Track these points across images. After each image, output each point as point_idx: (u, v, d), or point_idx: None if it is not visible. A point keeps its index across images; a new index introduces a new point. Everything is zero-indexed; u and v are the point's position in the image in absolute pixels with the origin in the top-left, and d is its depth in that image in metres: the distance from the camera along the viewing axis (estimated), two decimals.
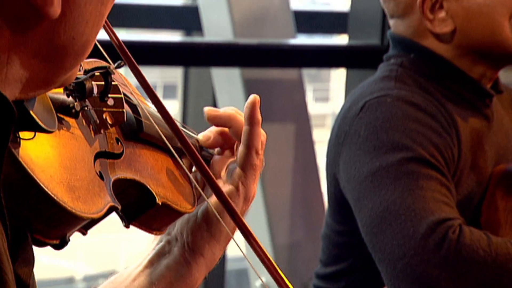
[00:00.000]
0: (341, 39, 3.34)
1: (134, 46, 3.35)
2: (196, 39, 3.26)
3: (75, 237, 1.07)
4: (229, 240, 1.27)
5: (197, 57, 3.18)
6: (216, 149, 1.32)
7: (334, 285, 2.01)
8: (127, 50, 1.14)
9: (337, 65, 3.43)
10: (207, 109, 1.28)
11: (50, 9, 0.87)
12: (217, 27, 3.13)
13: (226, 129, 1.29)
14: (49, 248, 1.01)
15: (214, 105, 3.12)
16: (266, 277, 3.40)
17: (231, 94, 3.15)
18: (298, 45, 3.22)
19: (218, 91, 3.19)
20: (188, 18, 3.34)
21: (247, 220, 1.29)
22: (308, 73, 3.82)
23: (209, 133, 1.31)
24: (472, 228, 1.80)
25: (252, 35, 3.08)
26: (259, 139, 1.24)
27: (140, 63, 1.11)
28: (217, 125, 1.30)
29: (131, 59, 1.15)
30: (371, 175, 1.86)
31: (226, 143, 1.31)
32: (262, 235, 3.06)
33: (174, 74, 3.23)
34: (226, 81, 3.17)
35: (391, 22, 2.01)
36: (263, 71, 3.17)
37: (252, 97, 1.26)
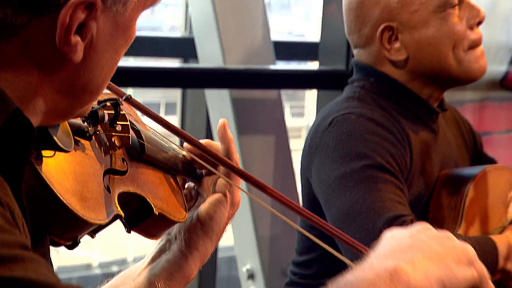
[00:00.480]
0: (313, 65, 3.33)
1: (141, 71, 3.36)
2: (192, 65, 3.25)
3: None
4: (219, 237, 1.27)
5: (193, 80, 3.19)
6: (204, 170, 1.30)
7: (307, 271, 2.02)
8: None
9: (310, 86, 3.41)
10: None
11: (74, 55, 0.89)
12: (209, 55, 3.12)
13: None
14: None
15: (207, 120, 3.16)
16: (251, 263, 3.39)
17: (221, 111, 3.14)
18: (277, 70, 3.22)
19: (210, 108, 3.19)
20: (185, 48, 3.33)
21: (236, 216, 1.31)
22: (285, 93, 3.81)
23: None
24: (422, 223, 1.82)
25: (239, 62, 3.07)
26: (235, 154, 1.25)
27: (146, 85, 1.12)
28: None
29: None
30: (338, 179, 1.85)
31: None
32: (248, 228, 3.06)
33: (174, 94, 3.20)
34: (217, 100, 3.16)
35: (355, 51, 2.00)
36: (248, 92, 3.17)
37: (221, 121, 1.27)
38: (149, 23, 3.63)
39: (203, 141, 1.29)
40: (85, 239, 1.05)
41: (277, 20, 5.38)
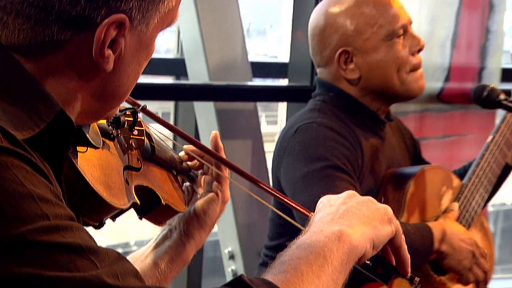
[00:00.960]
0: (284, 82, 3.33)
1: (142, 86, 3.32)
2: (183, 81, 3.24)
3: None
4: (211, 228, 1.28)
5: (183, 94, 3.19)
6: (200, 171, 1.31)
7: (276, 254, 2.01)
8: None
9: (280, 100, 3.42)
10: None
11: (106, 65, 0.91)
12: (197, 73, 3.12)
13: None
14: None
15: (196, 128, 3.14)
16: (231, 246, 3.37)
17: (207, 120, 3.14)
18: (253, 85, 3.22)
19: (198, 117, 3.18)
20: (177, 67, 3.31)
21: None
22: (261, 105, 3.80)
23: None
24: None
25: (222, 79, 3.07)
26: (224, 156, 1.28)
27: (145, 98, 1.13)
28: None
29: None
30: (302, 178, 1.85)
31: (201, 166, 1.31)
32: (229, 217, 3.06)
33: (168, 106, 3.18)
34: (204, 110, 3.15)
35: (318, 70, 2.01)
36: (229, 104, 3.16)
37: (214, 132, 1.29)
38: (156, 47, 3.61)
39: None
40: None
41: (255, 44, 5.36)
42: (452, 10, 3.19)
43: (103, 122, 1.06)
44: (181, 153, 1.29)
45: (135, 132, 1.12)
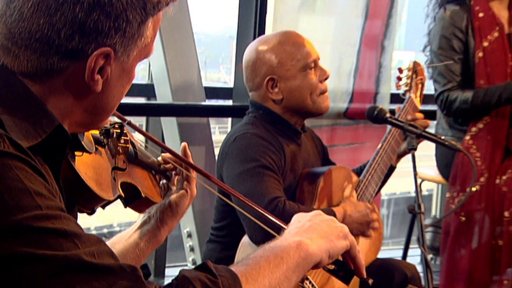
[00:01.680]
0: (229, 102, 3.32)
1: (120, 105, 3.31)
2: (152, 101, 3.21)
3: None
4: (181, 217, 1.26)
5: (153, 111, 3.18)
6: (173, 172, 1.29)
7: (219, 233, 1.99)
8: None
9: (227, 116, 3.43)
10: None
11: (96, 87, 0.90)
12: (163, 95, 3.10)
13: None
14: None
15: (162, 137, 3.09)
16: (189, 227, 3.32)
17: (171, 131, 3.09)
18: (206, 105, 3.22)
19: (164, 130, 3.16)
20: (148, 90, 3.27)
21: None
22: (215, 119, 3.80)
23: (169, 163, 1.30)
24: (290, 202, 1.80)
25: (182, 100, 3.05)
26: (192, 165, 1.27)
27: (123, 114, 1.12)
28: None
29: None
30: (239, 175, 1.84)
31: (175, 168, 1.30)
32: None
33: (141, 120, 3.17)
34: (169, 124, 3.12)
35: (250, 93, 2.00)
36: (188, 119, 3.15)
37: (183, 144, 1.27)
38: None
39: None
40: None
41: (210, 73, 5.33)
42: (354, 49, 3.21)
43: (96, 132, 1.06)
44: (159, 158, 1.28)
45: (122, 141, 1.11)
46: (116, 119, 1.14)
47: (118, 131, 1.09)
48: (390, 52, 3.26)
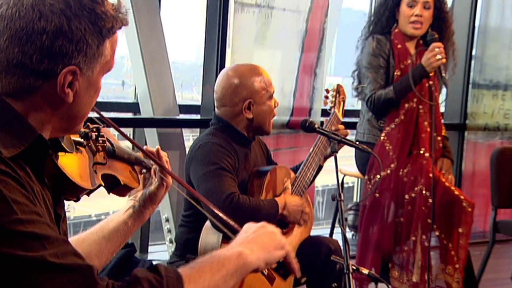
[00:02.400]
0: (197, 116, 3.30)
1: (113, 118, 3.26)
2: (137, 116, 3.16)
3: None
4: (159, 203, 1.23)
5: (138, 123, 3.16)
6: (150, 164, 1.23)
7: (188, 219, 1.94)
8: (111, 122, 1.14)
9: (196, 127, 3.37)
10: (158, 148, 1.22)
11: (68, 99, 0.86)
12: (146, 111, 3.06)
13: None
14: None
15: (146, 144, 3.04)
16: (167, 213, 3.27)
17: (153, 139, 3.05)
18: (180, 118, 3.18)
19: (147, 138, 3.11)
20: (134, 107, 3.22)
21: None
22: (190, 129, 3.71)
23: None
24: (243, 195, 1.76)
25: (161, 114, 3.02)
26: (165, 162, 1.21)
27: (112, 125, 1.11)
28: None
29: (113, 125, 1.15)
30: (202, 175, 1.80)
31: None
32: (166, 196, 3.02)
33: (129, 130, 3.12)
34: (150, 133, 3.08)
35: (219, 109, 1.94)
36: (166, 129, 3.11)
37: (157, 146, 1.23)
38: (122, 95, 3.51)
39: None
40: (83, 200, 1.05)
41: (185, 93, 5.33)
42: (294, 75, 3.26)
43: (76, 136, 1.02)
44: (139, 153, 1.24)
45: (100, 141, 1.06)
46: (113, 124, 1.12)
47: (96, 133, 1.06)
48: (321, 77, 3.29)
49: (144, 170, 1.25)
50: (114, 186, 1.12)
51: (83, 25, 0.83)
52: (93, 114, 1.05)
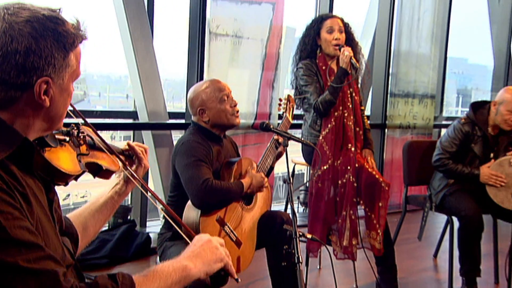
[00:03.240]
0: (182, 121, 3.20)
1: (117, 124, 3.24)
2: (136, 122, 3.09)
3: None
4: (138, 180, 1.15)
5: (136, 127, 3.07)
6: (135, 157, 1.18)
7: (173, 199, 1.87)
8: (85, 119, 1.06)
9: (181, 129, 3.21)
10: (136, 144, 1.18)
11: (45, 104, 0.80)
12: (143, 117, 3.00)
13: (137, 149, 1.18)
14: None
15: (143, 143, 2.97)
16: (160, 196, 3.22)
17: (148, 140, 3.01)
18: (169, 122, 3.08)
19: (144, 138, 3.04)
20: (133, 115, 3.15)
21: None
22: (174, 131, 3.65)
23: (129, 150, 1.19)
24: (216, 180, 1.72)
25: (154, 120, 2.97)
26: (144, 154, 1.17)
27: (119, 129, 1.07)
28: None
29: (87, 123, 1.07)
30: (185, 166, 1.75)
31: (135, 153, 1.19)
32: (159, 184, 2.99)
33: (129, 133, 3.06)
34: (146, 135, 3.02)
35: (192, 116, 1.89)
36: (158, 131, 3.04)
37: (147, 145, 1.19)
38: (127, 105, 3.43)
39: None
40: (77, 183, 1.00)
41: (176, 103, 5.21)
42: (257, 88, 3.26)
43: (59, 133, 0.96)
44: (124, 144, 1.19)
45: (81, 136, 1.00)
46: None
47: (77, 131, 0.99)
48: (278, 90, 3.29)
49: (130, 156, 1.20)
50: (98, 171, 1.07)
51: (48, 43, 0.77)
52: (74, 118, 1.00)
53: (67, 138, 0.95)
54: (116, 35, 3.01)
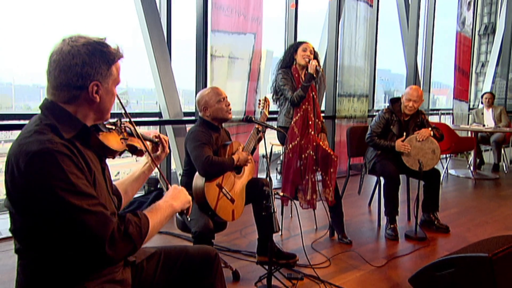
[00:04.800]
0: (193, 117, 3.12)
1: (148, 121, 3.13)
2: (160, 119, 2.97)
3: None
4: (161, 161, 1.08)
5: (161, 123, 2.92)
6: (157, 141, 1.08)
7: (186, 171, 1.80)
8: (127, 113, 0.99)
9: (192, 123, 3.19)
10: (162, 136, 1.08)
11: (96, 100, 0.82)
12: (165, 116, 2.88)
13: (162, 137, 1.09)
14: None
15: (166, 135, 2.90)
16: (179, 171, 3.11)
17: (169, 132, 2.89)
18: (184, 119, 2.84)
19: (167, 130, 2.92)
20: (159, 114, 3.04)
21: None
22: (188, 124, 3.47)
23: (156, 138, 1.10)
24: (215, 156, 1.66)
25: (173, 117, 2.85)
26: (166, 142, 1.08)
27: (149, 125, 0.98)
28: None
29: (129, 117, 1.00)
30: (193, 147, 1.68)
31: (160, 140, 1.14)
32: (178, 160, 2.91)
33: (156, 127, 3.01)
34: (169, 129, 2.90)
35: (199, 112, 1.76)
36: (176, 126, 2.89)
37: (167, 137, 1.11)
38: (156, 108, 3.35)
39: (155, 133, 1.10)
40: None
41: (188, 105, 5.12)
42: (245, 94, 3.16)
43: (108, 123, 0.91)
44: (153, 134, 1.13)
45: (123, 127, 0.96)
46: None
47: (120, 122, 0.95)
48: (259, 94, 3.20)
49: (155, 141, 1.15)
50: (135, 151, 1.03)
51: (97, 59, 0.80)
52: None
53: (113, 127, 0.94)
54: (146, 60, 2.93)
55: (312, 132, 2.29)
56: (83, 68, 0.79)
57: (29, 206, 0.71)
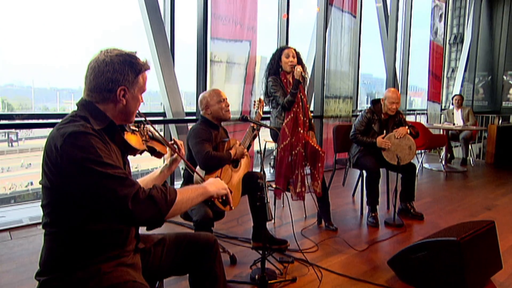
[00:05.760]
0: (194, 117, 3.00)
1: (154, 120, 3.08)
2: (164, 118, 2.94)
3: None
4: (178, 163, 1.07)
5: (165, 122, 2.89)
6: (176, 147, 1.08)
7: (190, 164, 1.74)
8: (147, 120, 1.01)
9: (193, 122, 3.17)
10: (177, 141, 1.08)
11: (123, 103, 0.85)
12: (169, 116, 2.84)
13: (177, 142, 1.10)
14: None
15: (170, 134, 2.81)
16: (182, 165, 3.04)
17: (173, 130, 2.85)
18: (186, 118, 2.83)
19: (170, 129, 2.89)
20: (163, 114, 3.01)
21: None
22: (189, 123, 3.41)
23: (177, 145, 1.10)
24: (214, 151, 1.61)
25: (176, 117, 2.81)
26: (181, 146, 1.08)
27: (155, 123, 0.98)
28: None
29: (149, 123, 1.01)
30: (194, 144, 1.63)
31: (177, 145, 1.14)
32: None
33: (161, 126, 2.98)
34: (172, 127, 2.87)
35: (201, 111, 1.72)
36: (179, 124, 2.87)
37: (175, 139, 1.09)
38: (160, 109, 3.31)
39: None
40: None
41: (189, 106, 5.08)
42: (241, 95, 3.13)
43: (133, 125, 0.91)
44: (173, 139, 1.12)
45: (145, 130, 0.97)
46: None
47: (143, 126, 0.98)
48: (254, 96, 3.18)
49: (174, 145, 1.14)
50: (153, 152, 1.04)
51: (126, 68, 0.84)
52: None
53: (137, 129, 0.96)
54: (151, 65, 2.91)
55: (302, 131, 2.29)
56: (113, 74, 0.82)
57: (61, 177, 0.75)
